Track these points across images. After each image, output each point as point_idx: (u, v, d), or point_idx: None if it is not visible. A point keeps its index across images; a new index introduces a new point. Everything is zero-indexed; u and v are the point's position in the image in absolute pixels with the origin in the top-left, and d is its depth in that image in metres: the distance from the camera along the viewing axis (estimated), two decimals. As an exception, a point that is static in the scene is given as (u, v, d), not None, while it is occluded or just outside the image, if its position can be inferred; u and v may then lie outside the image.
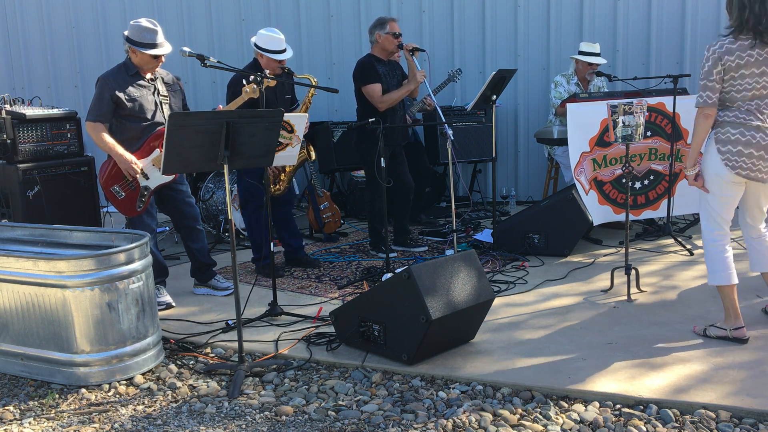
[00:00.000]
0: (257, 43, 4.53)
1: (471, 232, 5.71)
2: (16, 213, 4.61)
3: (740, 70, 3.14)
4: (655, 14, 6.89)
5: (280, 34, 4.54)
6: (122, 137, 4.04)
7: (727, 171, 3.19)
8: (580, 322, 3.66)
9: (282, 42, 4.53)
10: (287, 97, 4.73)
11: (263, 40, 4.51)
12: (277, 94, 4.59)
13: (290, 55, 4.56)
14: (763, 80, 3.14)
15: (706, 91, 3.21)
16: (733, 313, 3.31)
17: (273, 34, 4.51)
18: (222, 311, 4.09)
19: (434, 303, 3.06)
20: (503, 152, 7.30)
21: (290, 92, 4.76)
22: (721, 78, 3.18)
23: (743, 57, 3.13)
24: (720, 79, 3.18)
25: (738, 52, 3.13)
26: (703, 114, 3.23)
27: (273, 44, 4.50)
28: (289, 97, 4.75)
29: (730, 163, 3.18)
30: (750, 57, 3.12)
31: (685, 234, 5.42)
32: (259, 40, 4.53)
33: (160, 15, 7.37)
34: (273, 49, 4.50)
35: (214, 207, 5.88)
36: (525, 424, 2.66)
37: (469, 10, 7.10)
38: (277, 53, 4.50)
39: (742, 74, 3.14)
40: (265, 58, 4.52)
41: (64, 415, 2.91)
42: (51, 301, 3.11)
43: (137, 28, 3.95)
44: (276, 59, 4.49)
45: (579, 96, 5.58)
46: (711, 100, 3.20)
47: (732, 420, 2.64)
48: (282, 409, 2.86)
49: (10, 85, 7.82)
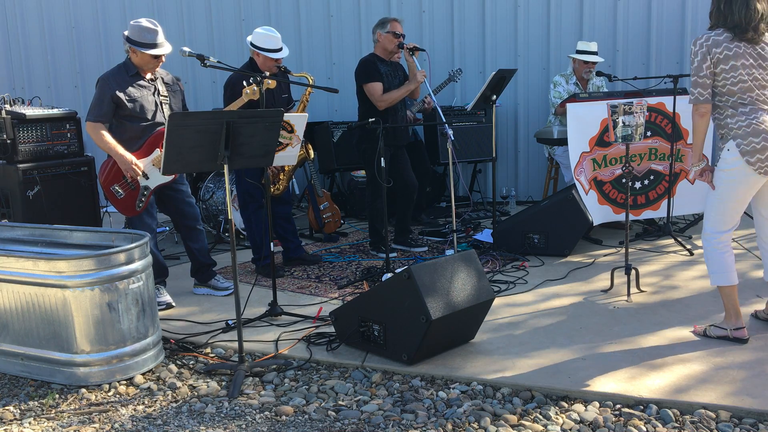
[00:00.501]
0: (253, 42, 4.53)
1: (471, 232, 5.71)
2: (16, 213, 4.61)
3: (730, 62, 3.11)
4: (655, 14, 6.89)
5: (276, 32, 4.54)
6: (122, 137, 4.03)
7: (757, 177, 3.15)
8: (580, 322, 3.66)
9: (278, 41, 4.53)
10: (284, 96, 4.73)
11: (259, 39, 4.51)
12: (274, 93, 4.58)
13: (286, 54, 4.56)
14: (756, 72, 3.12)
15: (697, 87, 3.18)
16: (734, 313, 3.30)
17: (269, 33, 4.51)
18: (222, 311, 4.09)
19: (434, 303, 3.06)
20: (503, 152, 7.30)
21: (287, 91, 4.76)
22: (711, 72, 3.15)
23: (731, 48, 3.11)
24: (711, 74, 3.15)
25: (725, 44, 3.11)
26: (698, 112, 3.20)
27: (269, 43, 4.50)
28: (286, 96, 4.75)
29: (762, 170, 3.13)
30: (738, 48, 3.11)
31: (685, 234, 5.42)
32: (255, 38, 4.53)
33: (160, 15, 7.37)
34: (269, 48, 4.49)
35: (214, 207, 5.88)
36: (525, 424, 2.66)
37: (469, 10, 7.10)
38: (273, 52, 4.50)
39: (733, 66, 3.11)
40: (262, 57, 4.52)
41: (64, 415, 2.91)
42: (51, 301, 3.11)
43: (137, 28, 3.95)
44: (272, 58, 4.50)
45: (579, 96, 5.58)
46: (703, 96, 3.17)
47: (732, 420, 2.64)
48: (282, 409, 2.86)
49: (10, 85, 7.83)
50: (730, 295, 3.30)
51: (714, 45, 3.13)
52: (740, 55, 3.11)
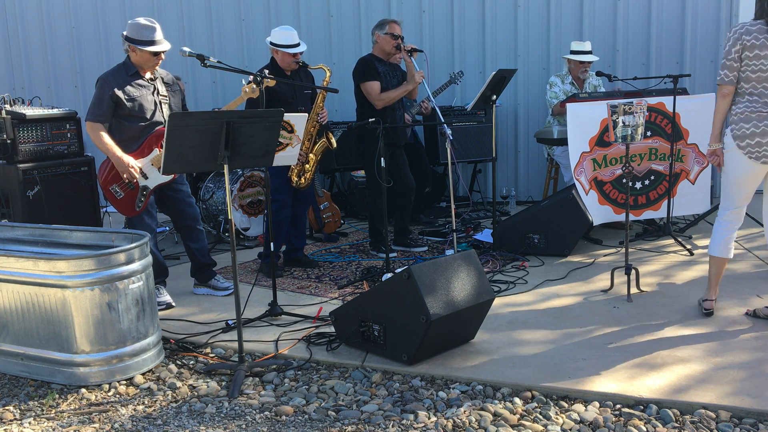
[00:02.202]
0: (272, 41, 4.64)
1: (471, 232, 5.71)
2: (16, 213, 4.61)
3: (755, 50, 3.33)
4: (655, 14, 6.90)
5: (292, 29, 4.66)
6: (121, 137, 4.03)
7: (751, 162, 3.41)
8: (580, 323, 3.66)
9: (294, 36, 4.63)
10: (306, 92, 4.79)
11: (277, 37, 4.63)
12: (296, 90, 4.68)
13: (304, 49, 4.66)
14: None
15: (724, 69, 3.43)
16: (712, 285, 3.66)
17: (285, 30, 4.64)
18: (222, 311, 4.09)
19: (434, 303, 3.06)
20: (503, 152, 7.30)
21: (309, 88, 4.81)
22: (739, 56, 3.38)
23: (759, 38, 3.32)
24: (738, 58, 3.38)
25: (755, 33, 3.33)
26: (721, 92, 3.46)
27: (286, 39, 4.61)
28: (309, 93, 4.81)
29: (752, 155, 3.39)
30: (766, 39, 3.31)
31: (685, 234, 5.41)
32: (273, 37, 4.65)
33: (160, 15, 7.37)
34: (286, 44, 4.59)
35: (214, 207, 5.88)
36: (525, 424, 2.66)
37: (469, 10, 7.11)
38: (290, 47, 4.59)
39: (756, 54, 3.33)
40: (280, 54, 4.63)
41: (64, 415, 2.91)
42: (51, 301, 3.11)
43: (135, 26, 3.95)
44: (290, 53, 4.59)
45: (578, 96, 5.58)
46: (728, 78, 3.41)
47: (732, 420, 2.64)
48: (282, 409, 2.86)
49: (10, 85, 7.83)
50: (716, 267, 3.63)
51: (746, 33, 3.37)
52: (766, 46, 3.32)
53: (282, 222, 4.71)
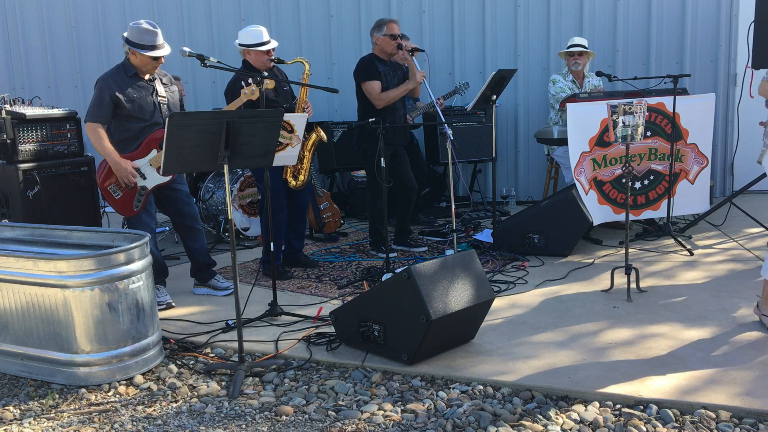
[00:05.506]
0: (240, 42, 4.53)
1: (471, 232, 5.71)
2: (16, 213, 4.61)
3: None
4: (655, 14, 6.90)
5: (258, 26, 4.52)
6: (120, 137, 4.04)
7: None
8: (580, 323, 3.66)
9: (263, 34, 4.48)
10: (286, 89, 4.72)
11: (245, 38, 4.50)
12: (276, 88, 4.58)
13: (275, 45, 4.52)
14: None
15: None
16: None
17: (252, 28, 4.50)
18: (222, 311, 4.09)
19: (434, 303, 3.06)
20: (503, 152, 7.30)
21: (287, 84, 4.74)
22: None
23: None
24: None
25: None
26: None
27: (256, 37, 4.47)
28: (288, 89, 4.74)
29: None
30: None
31: (685, 234, 5.41)
32: (242, 38, 4.52)
33: (160, 15, 7.38)
34: (257, 42, 4.47)
35: (214, 207, 5.88)
36: (525, 424, 2.66)
37: (469, 10, 7.11)
38: (262, 45, 4.47)
39: None
40: (253, 54, 4.50)
41: (64, 415, 2.91)
42: (51, 301, 3.11)
43: (136, 29, 3.95)
44: (263, 50, 4.47)
45: (579, 96, 5.58)
46: None
47: (732, 420, 2.63)
48: (282, 409, 2.86)
49: (10, 85, 7.83)
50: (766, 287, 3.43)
51: None
52: None
53: (279, 226, 4.67)
